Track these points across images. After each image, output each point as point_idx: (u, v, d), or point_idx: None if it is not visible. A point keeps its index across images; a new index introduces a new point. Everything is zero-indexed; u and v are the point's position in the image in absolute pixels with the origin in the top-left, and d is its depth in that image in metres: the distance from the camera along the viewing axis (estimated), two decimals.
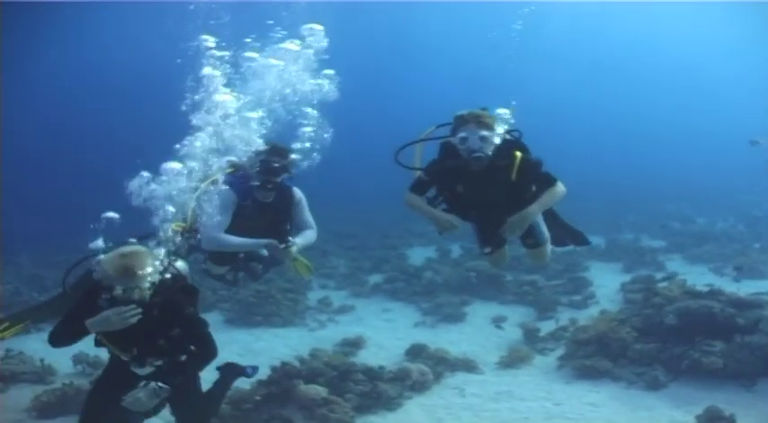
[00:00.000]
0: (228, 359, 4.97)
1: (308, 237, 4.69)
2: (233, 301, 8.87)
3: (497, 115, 4.09)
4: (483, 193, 3.99)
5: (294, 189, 4.70)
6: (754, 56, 28.37)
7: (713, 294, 6.29)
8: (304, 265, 4.90)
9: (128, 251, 3.47)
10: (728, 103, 32.96)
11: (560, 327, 7.53)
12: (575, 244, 4.78)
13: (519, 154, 3.92)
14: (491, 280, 9.46)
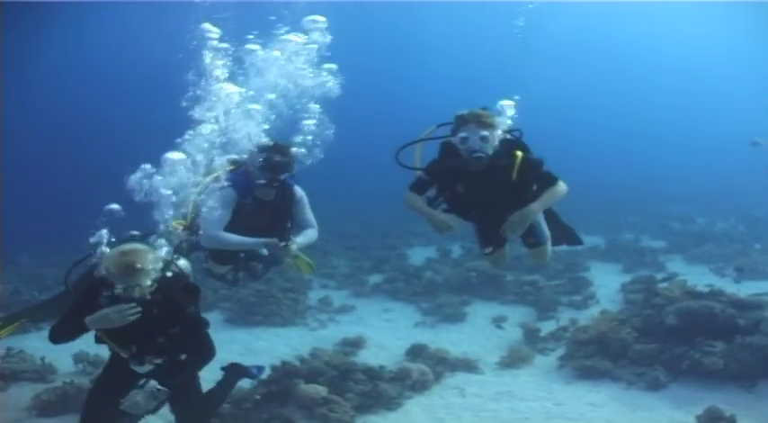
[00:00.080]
0: (229, 359, 4.97)
1: (309, 235, 4.64)
2: (233, 301, 8.85)
3: (500, 107, 4.07)
4: (483, 193, 3.99)
5: (295, 187, 4.65)
6: (754, 56, 28.35)
7: (714, 295, 6.28)
8: (306, 262, 4.81)
9: (129, 249, 3.46)
10: (729, 103, 32.94)
11: (561, 327, 7.52)
12: (568, 244, 4.77)
13: (519, 153, 3.91)
14: (491, 280, 9.45)
